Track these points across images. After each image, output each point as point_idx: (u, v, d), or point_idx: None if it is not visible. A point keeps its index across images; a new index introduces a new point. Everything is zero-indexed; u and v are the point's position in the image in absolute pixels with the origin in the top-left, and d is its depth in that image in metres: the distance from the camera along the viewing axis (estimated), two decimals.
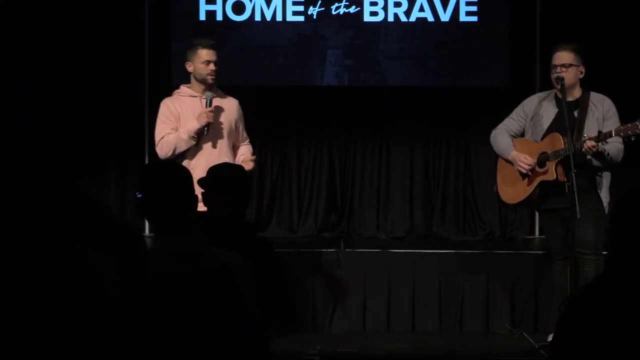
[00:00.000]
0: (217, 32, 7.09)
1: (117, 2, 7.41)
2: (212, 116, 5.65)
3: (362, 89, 7.57)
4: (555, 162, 5.47)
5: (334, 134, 7.72)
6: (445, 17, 7.39)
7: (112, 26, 7.36)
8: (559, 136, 5.47)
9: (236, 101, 5.89)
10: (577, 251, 5.35)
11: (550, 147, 5.52)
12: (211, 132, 5.67)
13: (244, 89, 6.40)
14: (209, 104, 5.67)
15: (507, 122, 5.82)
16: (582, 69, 5.61)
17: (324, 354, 5.76)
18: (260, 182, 7.64)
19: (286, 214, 7.71)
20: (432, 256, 6.61)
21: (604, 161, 5.47)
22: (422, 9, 7.39)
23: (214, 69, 5.70)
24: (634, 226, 2.19)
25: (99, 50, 7.36)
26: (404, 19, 7.40)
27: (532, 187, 5.61)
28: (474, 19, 7.41)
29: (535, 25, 7.47)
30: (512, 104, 5.91)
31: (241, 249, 2.83)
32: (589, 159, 5.45)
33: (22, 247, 2.14)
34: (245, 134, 5.95)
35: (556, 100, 5.63)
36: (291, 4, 7.40)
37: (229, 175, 4.17)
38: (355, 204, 7.70)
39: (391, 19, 7.40)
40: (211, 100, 5.68)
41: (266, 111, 7.39)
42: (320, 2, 7.39)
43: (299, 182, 7.73)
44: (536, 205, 5.80)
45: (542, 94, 5.85)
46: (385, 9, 7.40)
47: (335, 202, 7.71)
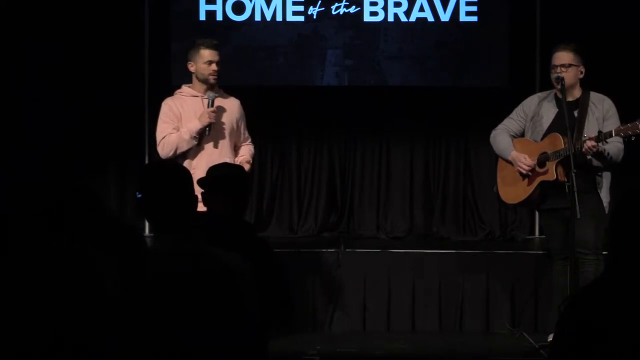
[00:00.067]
0: (217, 32, 7.07)
1: (117, 2, 7.41)
2: (214, 116, 5.65)
3: (362, 89, 7.57)
4: (555, 162, 5.46)
5: (334, 134, 7.71)
6: (445, 17, 7.38)
7: (112, 26, 7.36)
8: (559, 136, 5.47)
9: (238, 101, 5.89)
10: (577, 251, 5.34)
11: (550, 147, 5.52)
12: (213, 132, 5.67)
13: (244, 89, 6.39)
14: (211, 104, 5.67)
15: (507, 122, 5.82)
16: (582, 69, 5.61)
17: (324, 354, 5.76)
18: (260, 182, 7.63)
19: (286, 214, 7.70)
20: (432, 256, 6.61)
21: (604, 161, 5.47)
22: (422, 9, 7.39)
23: (216, 69, 5.70)
24: (634, 226, 2.19)
25: (98, 50, 7.36)
26: (404, 19, 7.40)
27: (532, 187, 5.61)
28: (474, 19, 7.41)
29: (535, 25, 7.47)
30: (512, 104, 5.91)
31: (241, 249, 2.83)
32: (589, 159, 5.45)
33: (23, 247, 2.14)
34: (247, 134, 5.94)
35: (556, 100, 5.63)
36: (291, 4, 7.40)
37: (228, 175, 4.16)
38: (355, 204, 7.69)
39: (391, 19, 7.40)
40: (213, 100, 5.68)
41: (266, 111, 7.38)
42: (320, 2, 7.38)
43: (299, 182, 7.72)
44: (536, 205, 5.80)
45: (542, 94, 5.84)
46: (385, 9, 7.39)
47: (335, 202, 7.70)
